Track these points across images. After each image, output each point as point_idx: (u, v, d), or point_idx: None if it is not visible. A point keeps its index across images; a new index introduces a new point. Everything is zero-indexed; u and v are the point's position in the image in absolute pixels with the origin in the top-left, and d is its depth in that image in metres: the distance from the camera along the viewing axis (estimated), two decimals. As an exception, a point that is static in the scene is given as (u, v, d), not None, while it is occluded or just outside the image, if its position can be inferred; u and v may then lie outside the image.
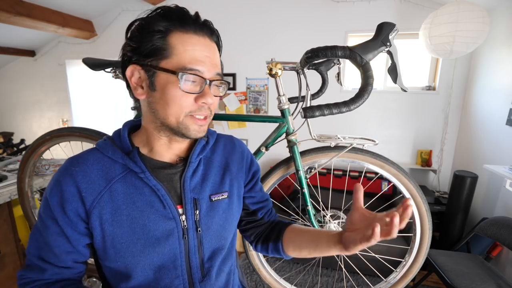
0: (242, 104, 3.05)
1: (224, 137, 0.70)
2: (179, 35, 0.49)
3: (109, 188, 0.52)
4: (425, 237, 0.91)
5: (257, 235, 0.74)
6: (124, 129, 0.58)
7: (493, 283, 1.46)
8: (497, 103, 2.02)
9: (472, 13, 1.71)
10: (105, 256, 0.54)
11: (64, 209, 0.51)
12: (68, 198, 0.51)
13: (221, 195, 0.62)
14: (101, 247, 0.53)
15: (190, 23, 0.50)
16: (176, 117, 0.51)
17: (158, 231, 0.54)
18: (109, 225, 0.52)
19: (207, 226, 0.59)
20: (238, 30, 2.88)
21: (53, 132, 1.17)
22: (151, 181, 0.54)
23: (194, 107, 0.52)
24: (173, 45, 0.49)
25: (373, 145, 0.86)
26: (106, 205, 0.52)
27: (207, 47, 0.52)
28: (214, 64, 0.53)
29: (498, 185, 1.97)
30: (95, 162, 0.54)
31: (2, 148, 3.21)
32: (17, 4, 2.42)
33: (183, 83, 0.49)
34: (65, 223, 0.51)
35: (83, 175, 0.52)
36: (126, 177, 0.54)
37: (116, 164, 0.54)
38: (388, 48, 0.61)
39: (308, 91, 0.82)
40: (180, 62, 0.49)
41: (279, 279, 1.10)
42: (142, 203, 0.53)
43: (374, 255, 1.11)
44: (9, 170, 1.72)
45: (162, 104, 0.51)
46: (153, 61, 0.50)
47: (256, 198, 0.73)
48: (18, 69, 3.91)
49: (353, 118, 2.76)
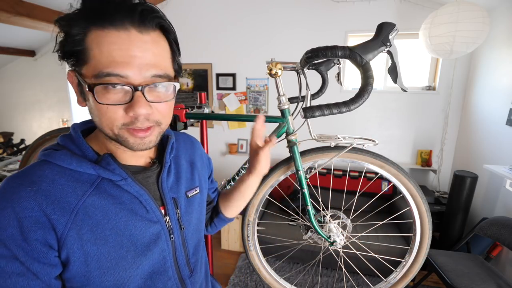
0: (242, 104, 3.05)
1: (181, 135, 0.70)
2: (96, 33, 0.40)
3: (83, 203, 0.45)
4: (425, 237, 0.91)
5: (207, 220, 0.80)
6: (78, 135, 0.50)
7: (493, 283, 1.46)
8: (497, 103, 2.02)
9: (472, 13, 1.71)
10: (87, 282, 0.46)
11: (27, 241, 0.41)
12: (30, 227, 0.41)
13: (194, 190, 0.63)
14: (82, 272, 0.45)
15: (107, 16, 0.40)
16: (111, 129, 0.44)
17: (146, 238, 0.51)
18: (92, 244, 0.45)
19: (188, 223, 0.60)
20: (238, 30, 2.88)
21: (53, 132, 1.17)
22: (133, 187, 0.49)
23: (127, 119, 0.43)
24: (90, 47, 0.41)
25: (373, 145, 0.85)
26: (83, 224, 0.45)
27: (133, 43, 0.41)
28: (146, 64, 0.42)
29: (498, 185, 1.97)
30: (55, 177, 0.45)
31: (2, 148, 3.21)
32: (17, 4, 2.42)
33: (98, 94, 0.41)
34: (30, 258, 0.41)
35: (45, 195, 0.43)
36: (99, 188, 0.47)
37: (83, 175, 0.47)
38: (388, 48, 0.61)
39: (308, 91, 0.82)
40: (96, 68, 0.40)
41: (279, 279, 1.10)
42: (124, 212, 0.48)
43: (374, 255, 1.11)
44: (9, 170, 1.72)
45: (94, 115, 0.45)
46: (76, 67, 0.43)
47: (214, 187, 0.80)
48: (18, 69, 3.91)
49: (353, 118, 2.76)
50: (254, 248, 1.07)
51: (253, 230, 1.04)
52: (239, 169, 1.01)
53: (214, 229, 0.82)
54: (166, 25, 0.46)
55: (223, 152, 3.20)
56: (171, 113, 0.51)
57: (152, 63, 0.43)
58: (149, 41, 0.43)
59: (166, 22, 0.46)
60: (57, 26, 0.42)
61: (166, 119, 0.49)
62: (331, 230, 0.95)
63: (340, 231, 0.96)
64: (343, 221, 0.97)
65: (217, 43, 2.96)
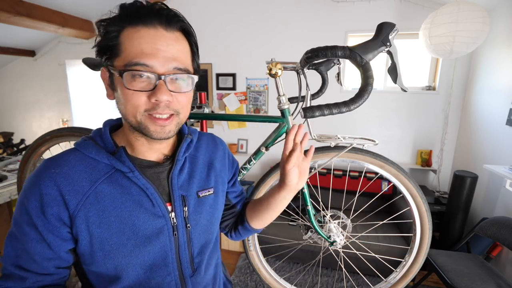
0: (242, 104, 3.05)
1: (206, 135, 0.71)
2: (129, 30, 0.47)
3: (94, 189, 0.50)
4: (425, 237, 0.91)
5: (231, 226, 0.78)
6: (105, 129, 0.56)
7: (493, 283, 1.46)
8: (497, 103, 2.02)
9: (472, 13, 1.71)
10: (92, 260, 0.51)
11: (45, 214, 0.48)
12: (49, 202, 0.48)
13: (208, 191, 0.63)
14: (88, 251, 0.51)
15: (140, 16, 0.47)
16: (134, 116, 0.49)
17: (148, 230, 0.53)
18: (97, 227, 0.50)
19: (196, 222, 0.60)
20: (238, 30, 2.88)
21: (53, 132, 1.17)
22: (140, 180, 0.53)
23: (149, 105, 0.49)
24: (122, 42, 0.47)
25: (373, 145, 0.85)
26: (92, 207, 0.50)
27: (159, 39, 0.47)
28: (169, 57, 0.48)
29: (498, 185, 1.97)
30: (77, 163, 0.51)
31: (2, 148, 3.21)
32: (17, 4, 2.42)
33: (127, 81, 0.47)
34: (45, 229, 0.48)
35: (64, 177, 0.49)
36: (112, 177, 0.52)
37: (100, 164, 0.52)
38: (388, 48, 0.61)
39: (308, 91, 0.82)
40: (126, 58, 0.47)
41: (279, 279, 1.10)
42: (130, 202, 0.52)
43: (374, 255, 1.11)
44: (9, 170, 1.72)
45: (121, 104, 0.50)
46: (108, 60, 0.49)
47: (237, 192, 0.78)
48: (18, 69, 3.91)
49: (353, 118, 2.76)
50: (254, 248, 1.07)
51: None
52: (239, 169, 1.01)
53: (238, 237, 0.78)
54: (188, 29, 0.53)
55: (223, 152, 3.20)
56: (189, 105, 0.55)
57: (175, 57, 0.49)
58: (173, 38, 0.49)
59: (188, 26, 0.53)
60: (97, 26, 0.50)
61: (185, 110, 0.54)
62: (331, 230, 0.95)
63: (340, 231, 0.96)
64: (343, 221, 0.97)
65: (217, 43, 2.96)
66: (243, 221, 0.75)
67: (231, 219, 0.78)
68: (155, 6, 0.48)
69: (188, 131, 0.64)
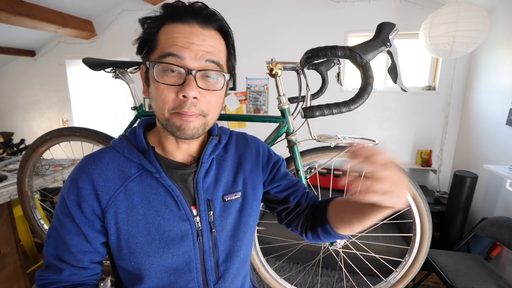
0: (242, 104, 3.05)
1: (237, 134, 0.68)
2: (167, 27, 0.49)
3: (125, 187, 0.52)
4: (425, 237, 0.91)
5: (303, 224, 0.67)
6: (140, 128, 0.57)
7: (493, 283, 1.46)
8: (497, 103, 2.02)
9: (472, 13, 1.71)
10: (120, 256, 0.53)
11: (81, 207, 0.50)
12: (85, 196, 0.50)
13: (234, 195, 0.60)
14: (116, 246, 0.52)
15: (179, 14, 0.48)
16: (162, 113, 0.49)
17: (173, 232, 0.53)
18: (124, 224, 0.51)
19: (222, 227, 0.57)
20: (238, 30, 2.87)
21: (53, 132, 1.17)
22: (166, 181, 0.53)
23: (176, 103, 0.48)
24: (159, 37, 0.49)
25: (373, 145, 0.85)
26: (121, 204, 0.51)
27: (194, 34, 0.48)
28: (202, 51, 0.47)
29: (498, 185, 1.97)
30: (111, 161, 0.53)
31: (2, 148, 3.21)
32: (17, 4, 2.41)
33: (158, 74, 0.47)
34: (82, 221, 0.51)
35: (99, 173, 0.51)
36: (141, 176, 0.53)
37: (132, 163, 0.54)
38: (388, 48, 0.61)
39: (308, 91, 0.82)
40: (160, 51, 0.48)
41: (279, 279, 1.10)
42: (157, 203, 0.52)
43: (374, 255, 1.11)
44: (9, 170, 1.72)
45: (152, 100, 0.51)
46: (146, 57, 0.51)
47: (282, 185, 0.68)
48: (18, 69, 3.90)
49: (353, 118, 2.75)
50: (254, 248, 1.07)
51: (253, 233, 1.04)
52: None
53: (316, 239, 0.66)
54: (226, 29, 0.52)
55: (223, 152, 3.20)
56: (218, 107, 0.54)
57: (208, 51, 0.49)
58: (208, 35, 0.49)
59: (226, 26, 0.52)
60: (140, 22, 0.51)
61: (212, 111, 0.52)
62: (331, 230, 0.95)
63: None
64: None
65: (217, 43, 2.96)
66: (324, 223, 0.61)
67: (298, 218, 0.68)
68: (194, 5, 0.49)
69: (218, 131, 0.62)
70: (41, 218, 1.40)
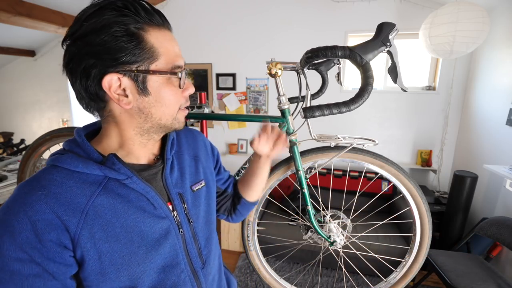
0: (242, 104, 3.05)
1: (182, 130, 0.69)
2: (154, 32, 0.48)
3: (92, 203, 0.47)
4: (425, 237, 0.91)
5: (228, 209, 0.83)
6: (83, 138, 0.51)
7: (493, 283, 1.46)
8: (497, 103, 2.02)
9: (472, 13, 1.71)
10: (104, 278, 0.48)
11: (42, 242, 0.42)
12: (45, 228, 0.42)
13: (200, 184, 0.65)
14: (97, 269, 0.47)
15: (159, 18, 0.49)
16: (172, 114, 0.53)
17: (156, 233, 0.53)
18: (104, 242, 0.47)
19: (196, 216, 0.61)
20: (238, 30, 2.88)
21: (53, 132, 1.17)
22: (139, 184, 0.51)
23: (183, 100, 0.55)
24: (155, 45, 0.48)
25: (373, 145, 0.85)
26: (94, 223, 0.46)
27: (175, 39, 0.53)
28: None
29: (498, 185, 1.97)
30: (64, 181, 0.46)
31: (2, 148, 3.21)
32: (17, 4, 2.41)
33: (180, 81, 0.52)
34: (46, 258, 0.43)
35: (55, 197, 0.44)
36: (106, 187, 0.49)
37: (90, 177, 0.48)
38: (388, 48, 0.61)
39: (308, 91, 0.82)
40: (169, 61, 0.50)
41: (279, 279, 1.10)
42: (132, 210, 0.50)
43: (374, 255, 1.11)
44: (9, 170, 1.72)
45: (159, 106, 0.50)
46: (140, 66, 0.47)
47: (224, 178, 0.81)
48: (18, 69, 3.91)
49: (353, 118, 2.76)
50: (254, 248, 1.07)
51: (253, 230, 1.04)
52: (239, 169, 1.01)
53: (239, 216, 0.83)
54: None
55: (223, 152, 3.20)
56: None
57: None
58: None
59: None
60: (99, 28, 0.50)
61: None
62: (331, 230, 0.95)
63: (340, 231, 0.96)
64: (343, 221, 0.97)
65: (217, 43, 2.96)
66: (239, 198, 0.81)
67: (227, 202, 0.82)
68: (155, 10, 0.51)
69: None
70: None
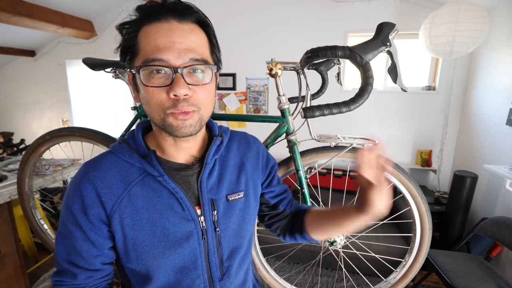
0: (242, 104, 3.05)
1: (238, 135, 0.68)
2: (145, 29, 0.48)
3: (128, 192, 0.52)
4: (425, 237, 0.91)
5: (282, 228, 0.74)
6: (138, 131, 0.57)
7: (493, 283, 1.46)
8: (497, 103, 2.02)
9: (472, 13, 1.71)
10: (127, 259, 0.54)
11: (87, 215, 0.51)
12: (90, 204, 0.51)
13: (238, 194, 0.61)
14: (123, 250, 0.53)
15: (154, 13, 0.47)
16: (158, 115, 0.49)
17: (178, 233, 0.54)
18: (130, 229, 0.52)
19: (225, 226, 0.59)
20: (238, 29, 2.88)
21: (53, 132, 1.17)
22: (170, 184, 0.53)
23: (170, 103, 0.47)
24: (140, 41, 0.48)
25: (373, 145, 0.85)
26: (126, 209, 0.52)
27: (174, 31, 0.47)
28: (184, 49, 0.47)
29: (498, 185, 1.97)
30: (112, 166, 0.53)
31: (2, 148, 3.21)
32: (17, 4, 2.42)
33: (145, 78, 0.47)
34: (89, 229, 0.51)
35: (101, 180, 0.52)
36: (144, 180, 0.53)
37: (133, 167, 0.54)
38: (388, 48, 0.61)
39: (308, 91, 0.82)
40: (143, 56, 0.47)
41: (279, 279, 1.10)
42: (161, 205, 0.53)
43: (374, 255, 1.11)
44: (9, 170, 1.72)
45: (145, 104, 0.50)
46: (130, 62, 0.50)
47: (275, 191, 0.73)
48: (18, 69, 3.90)
49: (353, 118, 2.75)
50: (254, 248, 1.07)
51: (253, 230, 1.04)
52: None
53: (292, 240, 0.74)
54: (204, 20, 0.52)
55: (223, 152, 3.20)
56: (210, 100, 0.53)
57: (191, 48, 0.48)
58: (187, 30, 0.48)
59: (204, 17, 0.52)
60: (119, 29, 0.50)
61: (205, 105, 0.51)
62: (331, 230, 0.95)
63: (340, 231, 0.96)
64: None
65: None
66: (302, 231, 0.70)
67: (279, 222, 0.74)
68: (168, 1, 0.49)
69: (219, 131, 0.62)
70: (41, 218, 1.40)
